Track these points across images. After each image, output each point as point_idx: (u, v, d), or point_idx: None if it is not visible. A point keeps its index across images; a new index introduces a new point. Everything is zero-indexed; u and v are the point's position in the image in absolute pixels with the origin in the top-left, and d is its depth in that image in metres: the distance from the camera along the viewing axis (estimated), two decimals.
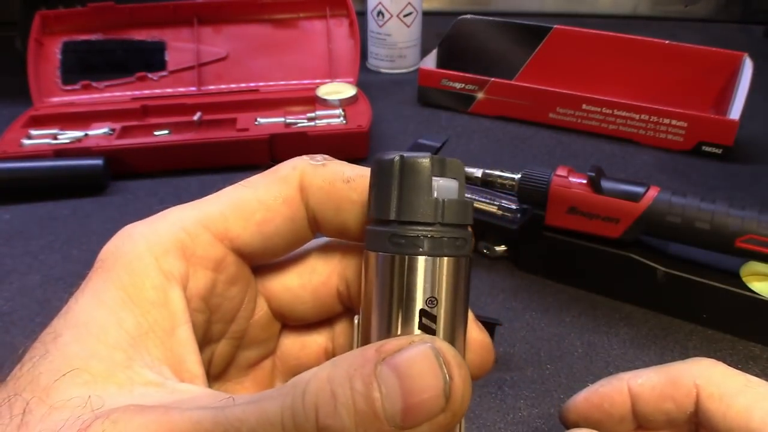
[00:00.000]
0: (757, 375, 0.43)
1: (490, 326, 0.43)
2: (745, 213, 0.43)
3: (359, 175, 0.20)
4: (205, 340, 0.20)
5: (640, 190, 0.46)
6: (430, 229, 0.19)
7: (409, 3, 0.86)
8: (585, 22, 1.01)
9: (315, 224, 0.21)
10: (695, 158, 0.69)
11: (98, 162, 0.62)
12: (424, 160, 0.19)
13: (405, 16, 0.87)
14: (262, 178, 0.21)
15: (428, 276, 0.18)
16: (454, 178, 0.20)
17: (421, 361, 0.16)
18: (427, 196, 0.19)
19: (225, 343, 0.21)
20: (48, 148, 0.64)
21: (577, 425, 0.26)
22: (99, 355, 0.18)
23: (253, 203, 0.20)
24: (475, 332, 0.21)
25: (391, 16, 0.86)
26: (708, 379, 0.24)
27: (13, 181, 0.61)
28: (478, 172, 0.54)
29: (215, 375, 0.22)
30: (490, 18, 0.84)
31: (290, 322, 0.23)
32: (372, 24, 0.88)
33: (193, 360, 0.18)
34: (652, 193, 0.45)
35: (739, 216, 0.43)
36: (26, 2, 0.80)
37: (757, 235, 0.43)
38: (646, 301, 0.48)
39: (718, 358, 0.44)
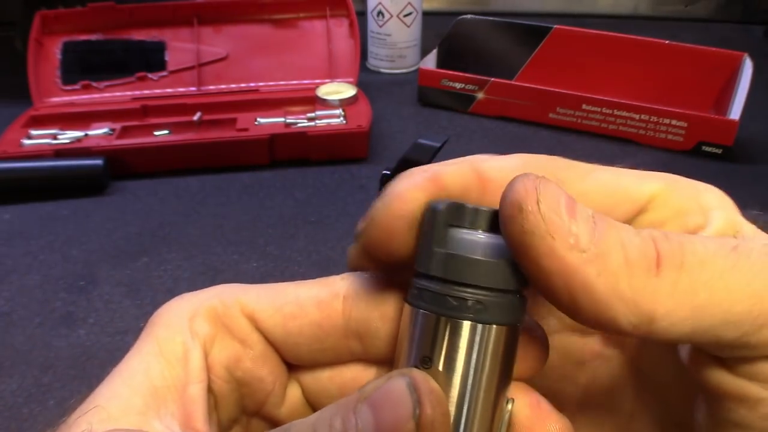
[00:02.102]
0: None
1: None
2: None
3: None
4: (234, 413, 0.21)
5: None
6: (481, 292, 0.17)
7: (409, 3, 0.86)
8: (585, 22, 1.01)
9: (359, 341, 0.20)
10: (695, 158, 0.69)
11: (98, 162, 0.62)
12: (470, 208, 0.17)
13: (405, 16, 0.87)
14: (312, 280, 0.21)
15: (437, 333, 0.17)
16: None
17: (393, 392, 0.16)
18: (457, 251, 0.17)
19: (257, 423, 0.22)
20: (48, 148, 0.64)
21: (404, 237, 0.19)
22: (120, 396, 0.19)
23: (288, 296, 0.20)
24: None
25: (391, 16, 0.86)
26: (568, 162, 0.21)
27: (13, 181, 0.61)
28: None
29: None
30: (490, 18, 0.85)
31: None
32: (372, 24, 0.88)
33: (200, 419, 0.19)
34: None
35: None
36: (26, 2, 0.80)
37: None
38: None
39: None
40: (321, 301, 0.20)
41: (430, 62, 0.83)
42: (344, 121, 0.68)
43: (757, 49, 0.85)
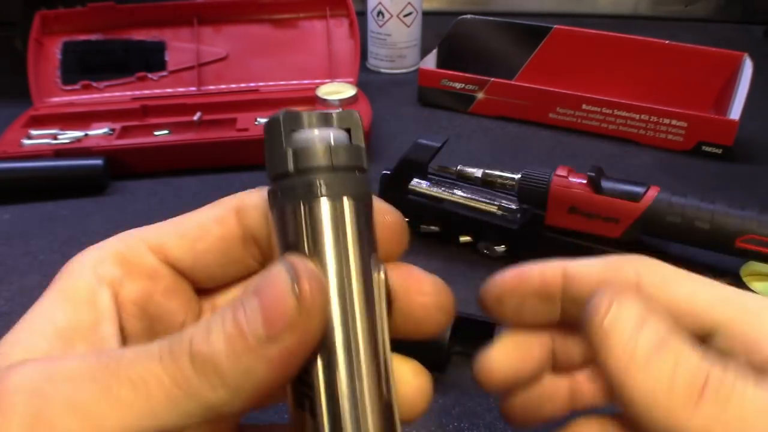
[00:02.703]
0: None
1: (489, 326, 0.43)
2: (745, 213, 0.43)
3: None
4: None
5: (640, 190, 0.46)
6: (324, 173, 0.19)
7: (409, 3, 0.86)
8: (585, 22, 1.01)
9: (257, 245, 0.22)
10: (695, 158, 0.69)
11: (98, 162, 0.62)
12: (305, 113, 0.20)
13: (405, 16, 0.87)
14: (206, 206, 0.23)
15: (298, 219, 0.19)
16: (346, 128, 0.21)
17: (272, 275, 0.18)
18: (309, 144, 0.19)
19: None
20: (48, 148, 0.64)
21: (495, 305, 0.24)
22: (22, 342, 0.19)
23: (190, 223, 0.22)
24: (388, 216, 0.23)
25: (391, 16, 0.86)
26: (650, 267, 0.22)
27: (13, 181, 0.61)
28: (478, 172, 0.54)
29: None
30: (490, 18, 0.85)
31: None
32: (372, 24, 0.88)
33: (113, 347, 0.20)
34: (652, 193, 0.45)
35: (739, 216, 0.43)
36: (26, 2, 0.80)
37: (757, 235, 0.43)
38: None
39: None
40: (219, 217, 0.22)
41: (430, 62, 0.83)
42: None
43: (757, 49, 0.85)
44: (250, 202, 0.22)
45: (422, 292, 0.22)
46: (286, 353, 0.17)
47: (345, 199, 0.19)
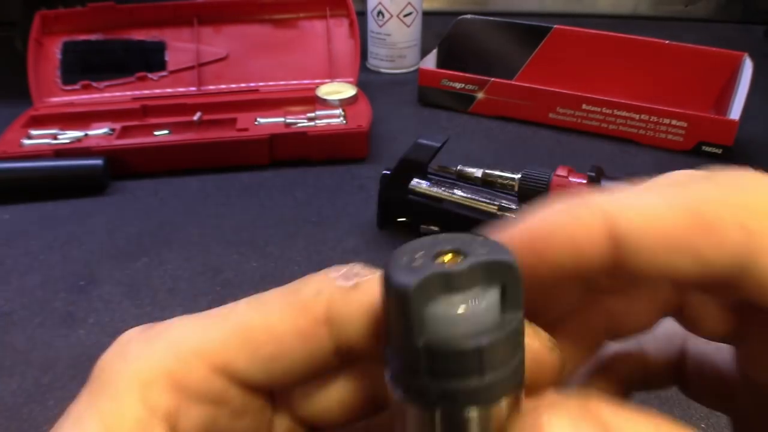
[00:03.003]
0: None
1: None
2: None
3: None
4: None
5: None
6: (474, 382, 0.14)
7: (409, 3, 0.86)
8: (585, 22, 1.01)
9: (347, 352, 0.17)
10: (695, 158, 0.69)
11: (98, 162, 0.62)
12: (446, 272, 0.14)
13: (405, 16, 0.87)
14: (278, 298, 0.17)
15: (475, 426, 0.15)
16: (501, 285, 0.14)
17: None
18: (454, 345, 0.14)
19: None
20: (48, 148, 0.64)
21: None
22: None
23: (262, 334, 0.17)
24: None
25: (391, 16, 0.86)
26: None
27: (13, 181, 0.61)
28: (478, 172, 0.54)
29: None
30: (490, 18, 0.85)
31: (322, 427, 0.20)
32: (372, 24, 0.88)
33: None
34: None
35: None
36: (26, 2, 0.80)
37: None
38: None
39: None
40: (302, 332, 0.17)
41: (430, 62, 0.83)
42: (344, 121, 0.68)
43: (757, 49, 0.85)
44: (348, 311, 0.16)
45: None
46: None
47: (502, 401, 0.15)
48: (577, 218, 0.15)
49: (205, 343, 0.17)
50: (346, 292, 0.17)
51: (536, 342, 0.16)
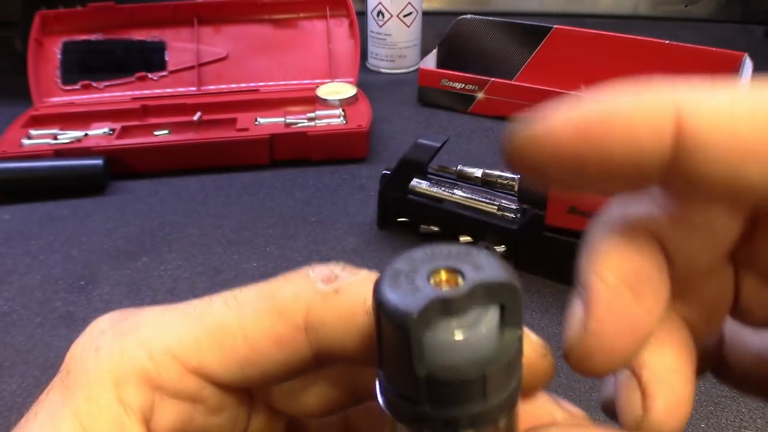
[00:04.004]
0: None
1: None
2: None
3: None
4: None
5: None
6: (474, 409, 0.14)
7: (409, 3, 0.86)
8: (585, 22, 1.01)
9: (327, 356, 0.17)
10: None
11: (98, 162, 0.62)
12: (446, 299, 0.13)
13: (405, 16, 0.87)
14: (254, 300, 0.17)
15: None
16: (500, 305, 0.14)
17: None
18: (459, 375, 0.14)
19: None
20: (48, 148, 0.64)
21: (547, 167, 0.14)
22: None
23: (237, 337, 0.16)
24: None
25: (391, 16, 0.86)
26: None
27: (13, 181, 0.61)
28: (478, 172, 0.54)
29: None
30: (490, 18, 0.84)
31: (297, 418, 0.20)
32: (372, 24, 0.88)
33: None
34: None
35: None
36: (26, 2, 0.80)
37: None
38: None
39: None
40: (279, 338, 0.16)
41: (430, 62, 0.83)
42: (344, 121, 0.68)
43: (757, 49, 0.85)
44: (328, 318, 0.16)
45: None
46: None
47: (500, 420, 0.15)
48: (644, 105, 0.13)
49: (179, 342, 0.16)
50: (326, 298, 0.16)
51: (529, 350, 0.16)
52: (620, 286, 0.15)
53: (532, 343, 0.16)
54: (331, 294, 0.16)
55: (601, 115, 0.13)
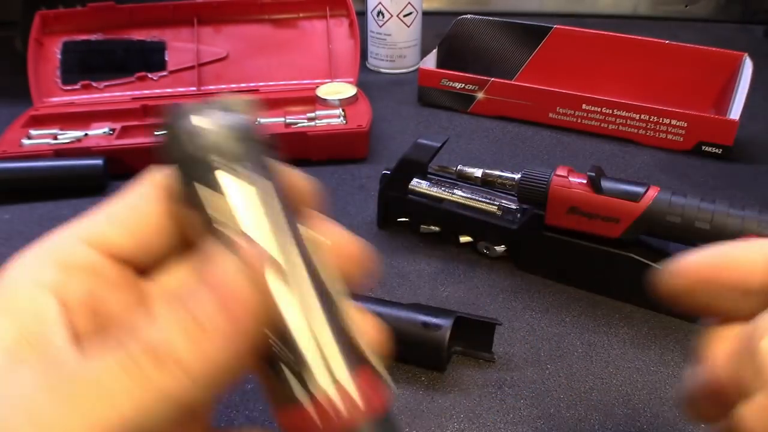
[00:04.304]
0: None
1: (489, 326, 0.43)
2: (745, 213, 0.43)
3: None
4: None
5: (640, 190, 0.46)
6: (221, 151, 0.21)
7: (409, 3, 0.86)
8: (585, 22, 1.01)
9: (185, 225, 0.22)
10: (695, 158, 0.69)
11: (98, 162, 0.62)
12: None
13: (405, 16, 0.87)
14: (129, 189, 0.22)
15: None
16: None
17: (222, 264, 0.18)
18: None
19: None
20: (48, 148, 0.64)
21: (683, 294, 0.22)
22: None
23: (122, 208, 0.21)
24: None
25: (391, 16, 0.86)
26: None
27: (13, 181, 0.61)
28: (478, 172, 0.54)
29: None
30: (490, 18, 0.84)
31: None
32: (372, 24, 0.88)
33: (67, 353, 0.19)
34: (652, 193, 0.45)
35: (739, 216, 0.43)
36: (26, 2, 0.80)
37: (757, 235, 0.43)
38: (646, 301, 0.48)
39: None
40: (148, 196, 0.22)
41: (430, 62, 0.83)
42: (344, 121, 0.68)
43: (757, 49, 0.85)
44: (169, 178, 0.22)
45: (342, 246, 0.22)
46: (246, 333, 0.18)
47: (247, 171, 0.20)
48: (746, 255, 0.21)
49: (79, 228, 0.21)
50: (162, 169, 0.22)
51: (293, 176, 0.22)
52: None
53: (293, 173, 0.23)
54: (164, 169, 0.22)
55: (722, 260, 0.22)
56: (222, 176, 0.20)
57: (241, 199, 0.20)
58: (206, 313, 0.17)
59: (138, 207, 0.21)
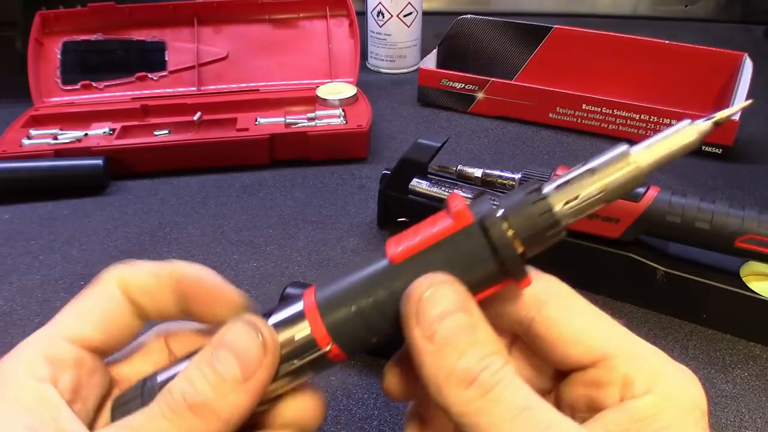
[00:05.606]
0: (756, 375, 0.43)
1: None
2: (745, 213, 0.43)
3: (157, 269, 0.26)
4: (88, 419, 0.25)
5: (640, 189, 0.46)
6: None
7: (409, 3, 0.86)
8: (585, 22, 1.01)
9: (143, 314, 0.26)
10: (695, 158, 0.69)
11: (98, 162, 0.62)
12: None
13: (405, 16, 0.87)
14: (90, 287, 0.26)
15: None
16: None
17: (239, 331, 0.23)
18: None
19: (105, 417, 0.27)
20: (48, 148, 0.64)
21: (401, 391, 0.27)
22: None
23: (92, 308, 0.25)
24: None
25: (391, 16, 0.86)
26: (559, 290, 0.25)
27: (13, 181, 0.61)
28: (478, 172, 0.54)
29: None
30: (490, 18, 0.85)
31: None
32: (372, 24, 0.88)
33: (82, 429, 0.23)
34: (652, 193, 0.45)
35: (739, 216, 0.43)
36: (26, 2, 0.80)
37: (757, 235, 0.43)
38: (646, 301, 0.48)
39: (718, 358, 0.44)
40: (112, 296, 0.25)
41: (430, 62, 0.83)
42: (344, 121, 0.68)
43: (757, 49, 0.85)
44: (131, 281, 0.26)
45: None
46: (260, 383, 0.23)
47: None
48: None
49: (60, 328, 0.25)
50: (129, 268, 0.26)
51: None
52: None
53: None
54: (128, 265, 0.26)
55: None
56: None
57: None
58: (228, 369, 0.22)
59: (101, 305, 0.25)
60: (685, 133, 0.23)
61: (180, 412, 0.22)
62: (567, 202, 0.23)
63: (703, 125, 0.23)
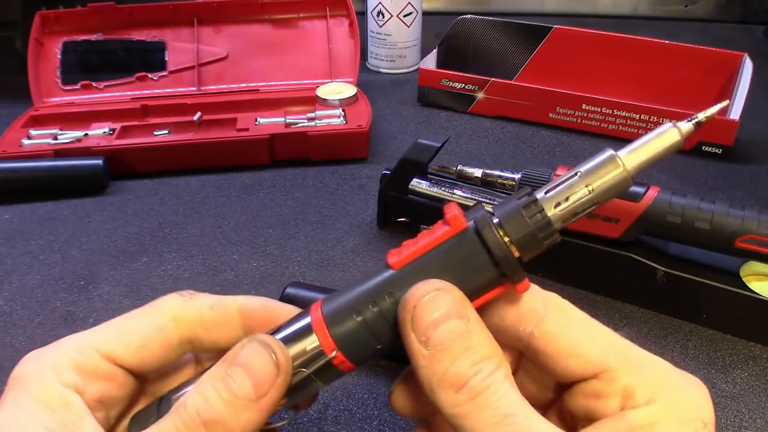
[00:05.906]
0: (756, 375, 0.43)
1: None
2: (745, 213, 0.43)
3: (219, 303, 0.27)
4: (109, 427, 0.26)
5: (640, 189, 0.46)
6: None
7: (409, 3, 0.86)
8: (585, 22, 1.01)
9: (190, 345, 0.27)
10: (695, 158, 0.69)
11: (98, 162, 0.62)
12: None
13: (405, 16, 0.87)
14: (143, 310, 0.27)
15: None
16: None
17: (254, 352, 0.24)
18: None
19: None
20: (48, 148, 0.64)
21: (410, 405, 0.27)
22: None
23: (134, 331, 0.26)
24: None
25: (391, 16, 0.86)
26: (558, 305, 0.25)
27: (13, 181, 0.61)
28: (478, 172, 0.54)
29: None
30: (490, 18, 0.85)
31: None
32: (372, 24, 0.88)
33: None
34: (652, 193, 0.45)
35: (739, 216, 0.43)
36: (26, 2, 0.80)
37: (757, 235, 0.43)
38: (646, 301, 0.48)
39: (718, 358, 0.44)
40: (160, 327, 0.26)
41: (430, 62, 0.83)
42: (344, 121, 0.68)
43: (757, 49, 0.85)
44: (186, 314, 0.26)
45: None
46: (272, 401, 0.23)
47: None
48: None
49: (94, 339, 0.25)
50: (185, 302, 0.27)
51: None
52: None
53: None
54: (187, 299, 0.27)
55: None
56: None
57: None
58: (241, 388, 0.23)
59: (150, 336, 0.26)
60: (668, 134, 0.24)
61: (194, 427, 0.22)
62: (557, 204, 0.24)
63: (685, 126, 0.24)
